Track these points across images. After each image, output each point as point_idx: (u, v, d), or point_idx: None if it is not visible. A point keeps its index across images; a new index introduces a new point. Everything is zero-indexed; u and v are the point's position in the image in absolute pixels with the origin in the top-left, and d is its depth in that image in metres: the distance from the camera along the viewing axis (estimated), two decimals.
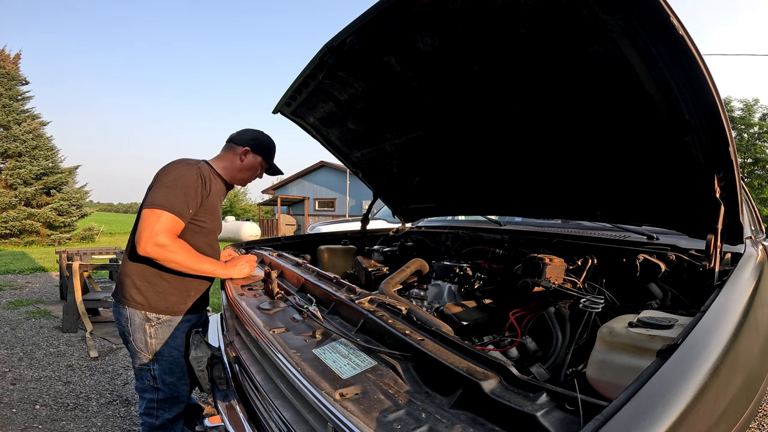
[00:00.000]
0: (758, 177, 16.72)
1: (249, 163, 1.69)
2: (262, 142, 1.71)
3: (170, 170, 1.47)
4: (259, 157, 1.70)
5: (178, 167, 1.49)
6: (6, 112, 12.64)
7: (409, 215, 2.98)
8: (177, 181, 1.44)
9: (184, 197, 1.44)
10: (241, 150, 1.67)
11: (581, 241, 1.72)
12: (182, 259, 1.44)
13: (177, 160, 1.55)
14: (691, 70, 0.95)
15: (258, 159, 1.70)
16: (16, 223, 11.96)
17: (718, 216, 1.14)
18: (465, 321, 1.40)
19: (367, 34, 1.38)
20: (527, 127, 1.54)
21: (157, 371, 1.52)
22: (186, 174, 1.47)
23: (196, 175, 1.48)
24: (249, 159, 1.68)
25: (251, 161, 1.69)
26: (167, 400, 1.56)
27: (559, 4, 0.99)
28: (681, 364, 0.64)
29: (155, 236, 1.37)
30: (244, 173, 1.71)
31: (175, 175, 1.46)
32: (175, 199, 1.41)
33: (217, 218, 1.64)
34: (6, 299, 5.09)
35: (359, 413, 0.68)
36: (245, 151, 1.67)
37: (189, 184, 1.46)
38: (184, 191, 1.44)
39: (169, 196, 1.41)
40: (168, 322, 1.52)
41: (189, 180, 1.46)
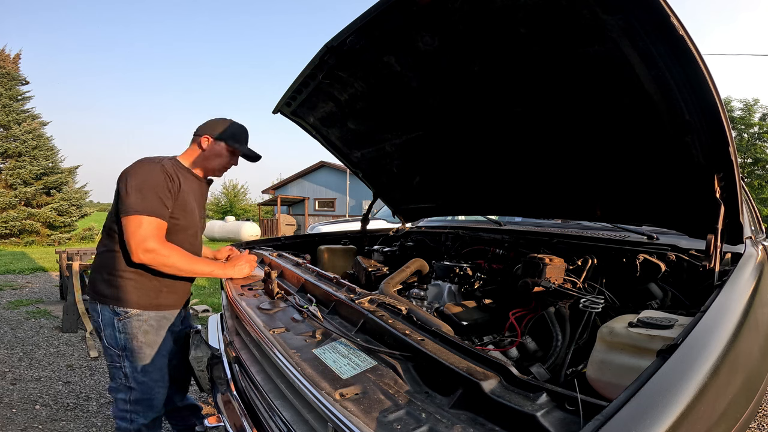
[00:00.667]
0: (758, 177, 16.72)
1: (212, 150, 1.63)
2: (222, 127, 1.64)
3: (134, 173, 1.43)
4: (222, 143, 1.63)
5: (141, 168, 1.45)
6: (6, 112, 12.64)
7: (409, 215, 2.98)
8: (145, 183, 1.41)
9: (157, 197, 1.41)
10: (200, 139, 1.62)
11: (581, 241, 1.72)
12: (176, 261, 1.43)
13: (138, 160, 1.50)
14: (691, 70, 0.95)
15: (221, 145, 1.63)
16: (16, 223, 11.96)
17: (718, 216, 1.14)
18: (465, 321, 1.40)
19: (367, 34, 1.38)
20: (527, 127, 1.54)
21: (128, 368, 1.47)
22: (151, 173, 1.44)
23: (159, 172, 1.45)
24: (211, 146, 1.62)
25: (214, 148, 1.63)
26: (140, 402, 1.50)
27: (559, 4, 0.99)
28: (681, 364, 0.64)
29: (143, 242, 1.36)
30: (211, 161, 1.65)
31: (141, 177, 1.42)
32: (151, 202, 1.39)
33: (190, 215, 1.59)
34: (6, 299, 5.09)
35: (359, 413, 0.68)
36: (204, 138, 1.61)
37: (157, 182, 1.43)
38: (155, 191, 1.41)
39: (144, 200, 1.38)
40: (137, 317, 1.47)
41: (156, 179, 1.43)
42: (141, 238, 1.35)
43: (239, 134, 1.67)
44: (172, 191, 1.47)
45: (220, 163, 1.67)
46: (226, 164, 1.69)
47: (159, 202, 1.41)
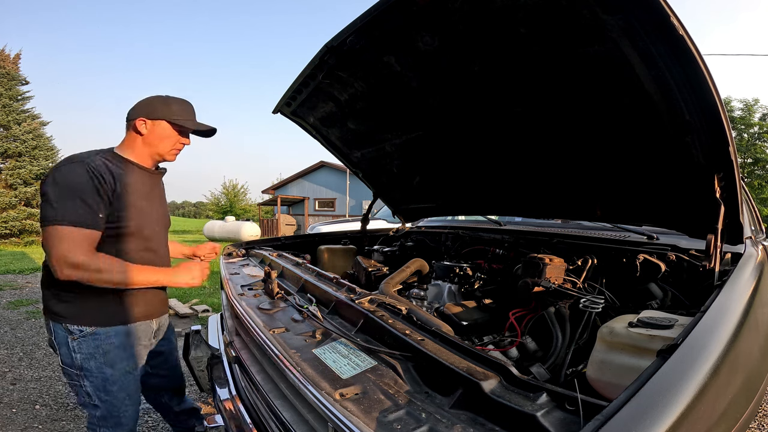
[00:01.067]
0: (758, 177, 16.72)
1: (154, 134, 1.40)
2: (159, 105, 1.41)
3: (53, 176, 1.22)
4: (163, 122, 1.40)
5: (59, 171, 1.23)
6: (6, 112, 12.64)
7: (409, 215, 2.98)
8: (65, 188, 1.20)
9: (82, 203, 1.20)
10: (134, 123, 1.38)
11: (581, 241, 1.72)
12: (110, 275, 1.25)
13: (62, 160, 1.29)
14: (691, 70, 0.95)
15: (163, 125, 1.40)
16: (16, 223, 11.96)
17: (718, 216, 1.15)
18: (465, 321, 1.40)
19: (367, 34, 1.38)
20: (527, 127, 1.54)
21: (90, 388, 1.34)
22: (71, 175, 1.21)
23: (83, 172, 1.22)
24: (151, 129, 1.39)
25: (155, 130, 1.40)
26: (107, 419, 1.38)
27: (559, 4, 0.99)
28: (681, 364, 0.64)
29: (65, 257, 1.17)
30: (156, 146, 1.42)
31: (60, 180, 1.21)
32: (73, 209, 1.19)
33: (140, 214, 1.37)
34: (6, 299, 5.09)
35: (359, 413, 0.68)
36: (140, 122, 1.38)
37: (81, 185, 1.21)
38: (79, 195, 1.20)
39: (64, 207, 1.18)
40: (94, 336, 1.30)
41: (78, 181, 1.21)
42: (61, 253, 1.17)
43: (182, 108, 1.44)
44: (103, 193, 1.25)
45: (168, 146, 1.44)
46: (174, 145, 1.45)
47: (84, 208, 1.20)
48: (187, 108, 1.46)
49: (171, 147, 1.45)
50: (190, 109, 1.47)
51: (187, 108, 1.47)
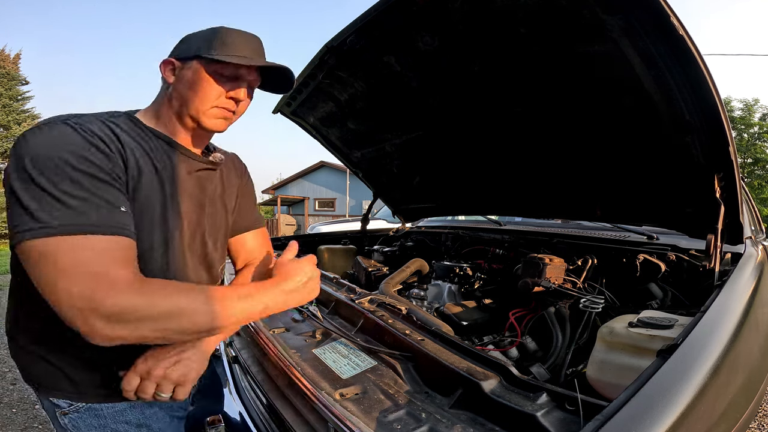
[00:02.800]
0: (758, 177, 16.72)
1: (181, 81, 0.82)
2: (192, 38, 0.85)
3: (22, 154, 0.65)
4: (194, 63, 0.81)
5: (34, 141, 0.66)
6: (6, 112, 12.65)
7: (409, 215, 2.98)
8: (52, 166, 0.64)
9: (90, 191, 0.66)
10: (163, 71, 0.84)
11: (581, 241, 1.72)
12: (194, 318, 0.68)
13: (30, 128, 0.70)
14: (691, 70, 0.95)
15: (193, 64, 0.81)
16: None
17: (718, 216, 1.15)
18: (465, 321, 1.40)
19: (367, 34, 1.38)
20: (527, 127, 1.54)
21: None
22: (58, 143, 0.66)
23: (76, 136, 0.68)
24: (180, 75, 0.82)
25: (183, 75, 0.82)
26: None
27: (559, 4, 0.99)
28: (681, 364, 0.64)
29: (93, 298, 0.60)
30: (186, 101, 0.82)
31: (38, 154, 0.64)
32: (79, 202, 0.64)
33: (155, 225, 0.78)
34: (6, 299, 5.09)
35: (359, 413, 0.68)
36: (167, 65, 0.84)
37: (79, 157, 0.66)
38: (81, 176, 0.65)
39: (60, 202, 0.63)
40: (94, 412, 0.80)
41: (72, 150, 0.66)
42: (85, 292, 0.60)
43: (231, 40, 0.83)
44: (121, 173, 0.72)
45: (203, 100, 0.82)
46: (214, 99, 0.82)
47: (97, 198, 0.67)
48: (240, 39, 0.84)
49: (210, 102, 0.82)
50: (244, 41, 0.84)
51: (241, 39, 0.84)
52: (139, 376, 0.73)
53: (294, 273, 0.82)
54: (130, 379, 0.73)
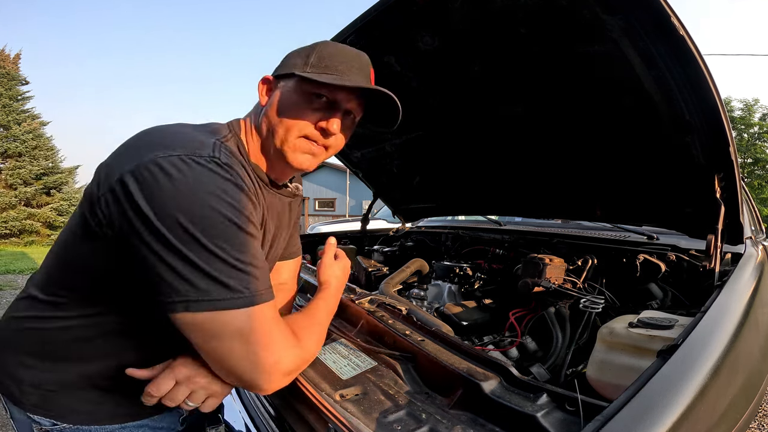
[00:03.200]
0: (758, 177, 16.73)
1: (273, 104, 0.73)
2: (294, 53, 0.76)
3: (179, 193, 0.57)
4: (287, 82, 0.73)
5: (186, 178, 0.58)
6: (6, 112, 12.64)
7: (409, 215, 2.98)
8: (225, 226, 0.59)
9: (255, 255, 0.63)
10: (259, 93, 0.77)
11: (581, 241, 1.72)
12: (318, 347, 0.74)
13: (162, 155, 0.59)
14: (691, 71, 0.95)
15: (288, 85, 0.73)
16: (16, 223, 11.96)
17: (718, 216, 1.14)
18: (465, 321, 1.40)
19: (367, 34, 1.38)
20: (527, 127, 1.54)
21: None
22: (221, 194, 0.59)
23: (233, 189, 0.62)
24: (272, 97, 0.74)
25: (276, 98, 0.73)
26: None
27: (559, 4, 0.99)
28: (681, 364, 0.64)
29: (278, 364, 0.61)
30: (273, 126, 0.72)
31: (200, 207, 0.57)
32: (249, 265, 0.61)
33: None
34: (6, 299, 5.08)
35: (359, 414, 0.68)
36: (267, 85, 0.76)
37: (245, 219, 0.62)
38: (242, 234, 0.61)
39: (236, 265, 0.59)
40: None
41: (238, 207, 0.61)
42: (270, 361, 0.60)
43: (325, 50, 0.73)
44: (259, 227, 0.70)
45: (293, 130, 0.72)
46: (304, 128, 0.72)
47: (261, 260, 0.64)
48: (340, 55, 0.73)
49: (296, 132, 0.72)
50: (346, 58, 0.73)
51: (342, 55, 0.73)
52: (175, 380, 0.66)
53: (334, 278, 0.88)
54: (163, 384, 0.66)
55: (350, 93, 0.73)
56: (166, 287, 0.57)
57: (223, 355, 0.59)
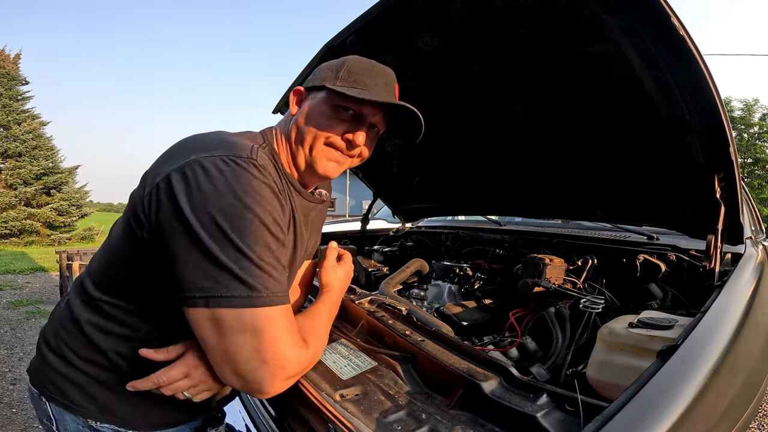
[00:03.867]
0: (758, 177, 16.74)
1: (303, 114, 0.78)
2: (322, 68, 0.82)
3: (218, 190, 0.60)
4: (318, 93, 0.78)
5: (225, 177, 0.61)
6: (6, 112, 12.64)
7: (409, 215, 2.98)
8: (255, 227, 0.61)
9: (274, 255, 0.64)
10: (291, 103, 0.82)
11: (581, 241, 1.72)
12: (319, 349, 0.76)
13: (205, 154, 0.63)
14: (691, 71, 0.95)
15: (318, 96, 0.77)
16: (16, 223, 11.96)
17: (718, 216, 1.14)
18: (465, 321, 1.40)
19: (367, 34, 1.38)
20: (527, 127, 1.54)
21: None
22: (255, 196, 0.62)
23: (268, 193, 0.65)
24: (303, 107, 0.79)
25: (307, 107, 0.78)
26: None
27: (559, 4, 0.99)
28: (681, 364, 0.64)
29: (283, 368, 0.63)
30: (302, 136, 0.77)
31: (233, 206, 0.60)
32: (275, 270, 0.63)
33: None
34: (6, 299, 5.09)
35: (359, 414, 0.68)
36: (297, 96, 0.82)
37: (267, 217, 0.63)
38: (269, 238, 0.63)
39: (259, 265, 0.60)
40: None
41: (269, 208, 0.64)
42: (277, 364, 0.62)
43: (354, 65, 0.78)
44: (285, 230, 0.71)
45: (320, 137, 0.76)
46: (331, 137, 0.77)
47: (281, 264, 0.66)
48: (368, 71, 0.77)
49: (322, 139, 0.77)
50: (374, 73, 0.78)
51: (370, 71, 0.78)
52: (187, 372, 0.69)
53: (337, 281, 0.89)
54: (174, 373, 0.68)
55: (375, 107, 0.78)
56: (189, 282, 0.59)
57: (233, 353, 0.60)
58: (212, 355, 0.62)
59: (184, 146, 0.68)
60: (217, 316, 0.58)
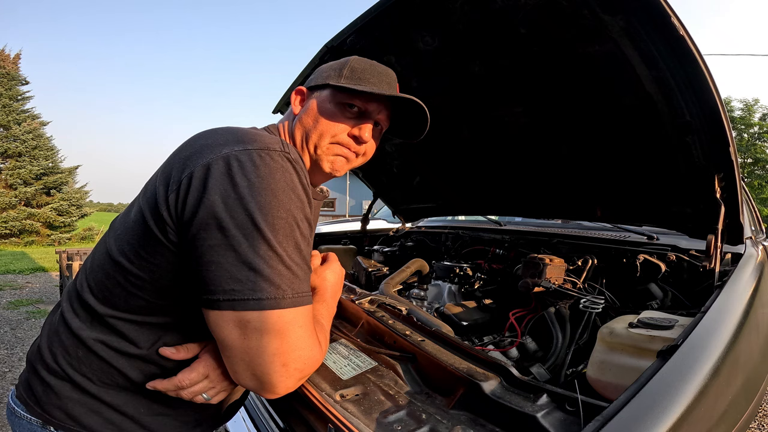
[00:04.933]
0: (758, 177, 16.73)
1: (307, 112, 0.78)
2: (323, 68, 0.82)
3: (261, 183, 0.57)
4: (321, 92, 0.78)
5: (268, 170, 0.59)
6: (6, 112, 12.64)
7: (409, 215, 2.98)
8: (289, 226, 0.59)
9: (301, 253, 0.61)
10: (293, 102, 0.82)
11: (581, 242, 1.72)
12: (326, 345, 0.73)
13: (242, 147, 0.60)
14: (691, 71, 0.95)
15: (322, 94, 0.78)
16: (16, 223, 11.96)
17: (718, 216, 1.14)
18: (465, 321, 1.40)
19: (367, 33, 1.38)
20: (527, 127, 1.54)
21: None
22: (292, 194, 0.60)
23: (301, 191, 0.62)
24: (307, 105, 0.79)
25: (311, 105, 0.78)
26: None
27: (559, 4, 0.99)
28: (681, 364, 0.64)
29: (302, 369, 0.60)
30: (308, 133, 0.77)
31: (273, 204, 0.57)
32: (302, 269, 0.61)
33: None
34: (6, 299, 5.09)
35: (360, 414, 0.68)
36: (299, 96, 0.82)
37: (297, 215, 0.61)
38: (298, 236, 0.60)
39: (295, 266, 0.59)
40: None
41: (302, 207, 0.62)
42: (297, 365, 0.59)
43: (357, 64, 0.79)
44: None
45: (326, 135, 0.77)
46: (338, 134, 0.77)
47: (308, 265, 0.64)
48: (372, 69, 0.79)
49: (329, 137, 0.77)
50: (378, 72, 0.79)
51: (374, 70, 0.79)
52: (207, 374, 0.66)
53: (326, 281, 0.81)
54: (195, 375, 0.66)
55: (380, 104, 0.78)
56: (215, 284, 0.56)
57: (254, 354, 0.57)
58: (230, 355, 0.59)
59: (212, 138, 0.64)
60: (243, 318, 0.56)
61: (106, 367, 0.66)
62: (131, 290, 0.64)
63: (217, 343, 0.60)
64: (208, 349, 0.68)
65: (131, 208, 0.68)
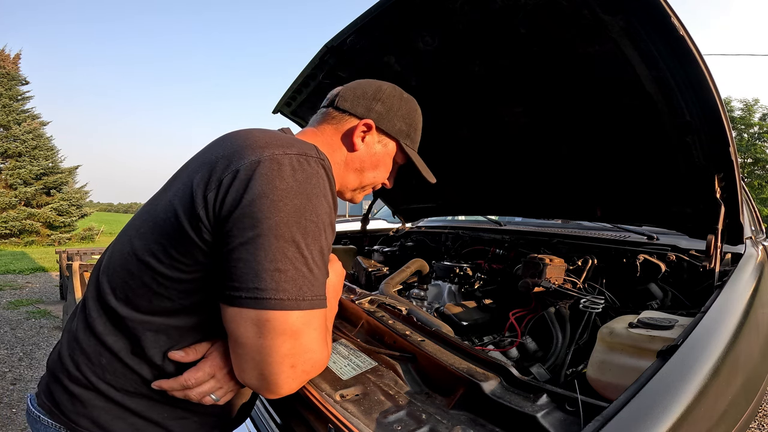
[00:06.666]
0: (758, 177, 16.73)
1: (372, 154, 0.85)
2: (393, 103, 0.86)
3: (299, 187, 0.59)
4: (392, 144, 0.87)
5: (306, 175, 0.60)
6: (6, 112, 12.65)
7: (409, 215, 2.98)
8: (318, 232, 0.60)
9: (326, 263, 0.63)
10: (356, 127, 0.82)
11: (581, 242, 1.72)
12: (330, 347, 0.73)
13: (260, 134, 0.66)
14: (691, 71, 0.95)
15: (391, 144, 0.87)
16: (16, 223, 11.96)
17: (718, 216, 1.14)
18: (465, 321, 1.40)
19: (367, 33, 1.38)
20: (527, 127, 1.54)
21: None
22: (324, 200, 0.62)
23: (331, 197, 0.64)
24: (371, 146, 0.85)
25: (376, 149, 0.85)
26: None
27: (559, 4, 0.99)
28: (681, 365, 0.64)
29: (309, 372, 0.61)
30: (362, 174, 0.86)
31: (307, 209, 0.59)
32: (322, 273, 0.62)
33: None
34: (6, 299, 5.09)
35: (360, 414, 0.68)
36: (364, 127, 0.82)
37: (331, 228, 0.64)
38: (323, 239, 0.62)
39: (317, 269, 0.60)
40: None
41: (330, 213, 0.64)
42: (306, 367, 0.60)
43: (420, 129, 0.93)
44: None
45: (369, 181, 0.88)
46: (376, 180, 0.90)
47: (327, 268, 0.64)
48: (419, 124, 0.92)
49: (370, 186, 0.89)
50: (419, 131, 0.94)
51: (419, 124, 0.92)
52: (213, 373, 0.66)
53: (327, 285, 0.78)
54: (201, 374, 0.66)
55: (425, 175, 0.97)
56: (239, 280, 0.56)
57: (267, 354, 0.57)
58: (241, 353, 0.59)
59: (251, 140, 0.64)
60: (262, 317, 0.56)
61: (129, 374, 0.65)
62: (157, 290, 0.63)
63: (230, 339, 0.60)
64: (215, 349, 0.68)
65: (156, 205, 0.67)
